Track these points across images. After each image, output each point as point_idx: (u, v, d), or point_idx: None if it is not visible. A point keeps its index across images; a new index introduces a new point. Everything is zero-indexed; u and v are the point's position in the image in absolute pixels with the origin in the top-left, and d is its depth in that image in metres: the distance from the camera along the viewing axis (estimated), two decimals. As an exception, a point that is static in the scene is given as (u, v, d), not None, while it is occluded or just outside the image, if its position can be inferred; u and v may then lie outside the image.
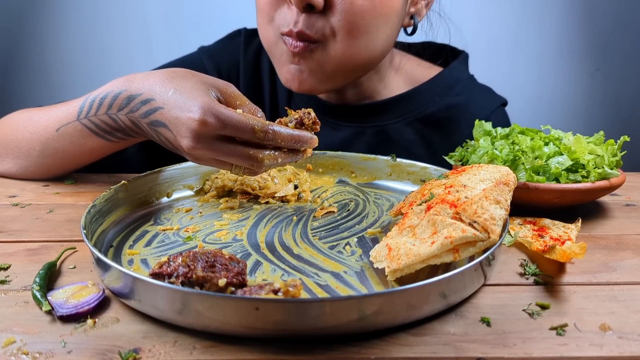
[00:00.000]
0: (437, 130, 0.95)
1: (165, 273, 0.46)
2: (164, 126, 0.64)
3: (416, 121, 0.95)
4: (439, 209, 0.54)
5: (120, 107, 0.69)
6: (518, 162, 0.68)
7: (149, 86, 0.67)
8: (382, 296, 0.42)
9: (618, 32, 1.95)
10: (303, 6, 0.77)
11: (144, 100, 0.67)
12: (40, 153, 0.79)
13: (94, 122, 0.73)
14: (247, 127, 0.59)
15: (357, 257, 0.58)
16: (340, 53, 0.81)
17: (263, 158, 0.61)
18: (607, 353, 0.42)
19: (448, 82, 0.97)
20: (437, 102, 0.95)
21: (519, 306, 0.48)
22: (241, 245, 0.61)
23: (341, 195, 0.77)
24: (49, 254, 0.58)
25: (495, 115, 0.97)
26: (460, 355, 0.41)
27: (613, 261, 0.58)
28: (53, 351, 0.41)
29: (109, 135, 0.74)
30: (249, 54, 1.03)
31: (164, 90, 0.65)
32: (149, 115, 0.66)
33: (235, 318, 0.42)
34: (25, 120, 0.81)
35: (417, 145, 0.95)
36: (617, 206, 0.75)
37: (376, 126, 0.96)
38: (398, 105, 0.95)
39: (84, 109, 0.73)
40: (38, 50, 2.00)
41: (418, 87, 0.96)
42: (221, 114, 0.59)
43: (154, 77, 0.67)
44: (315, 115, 0.65)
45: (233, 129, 0.59)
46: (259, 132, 0.60)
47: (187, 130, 0.60)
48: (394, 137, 0.95)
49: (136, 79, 0.69)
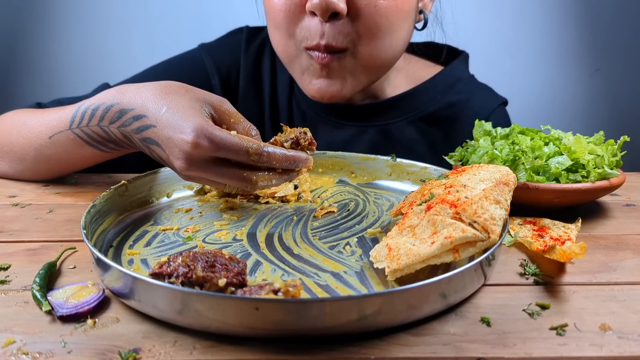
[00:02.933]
0: (439, 129, 0.95)
1: (165, 273, 0.46)
2: (156, 144, 0.63)
3: (418, 120, 0.95)
4: (439, 209, 0.54)
5: (111, 120, 0.68)
6: (518, 162, 0.68)
7: (141, 101, 0.65)
8: (382, 296, 0.42)
9: (618, 32, 1.95)
10: (328, 15, 0.77)
11: (136, 116, 0.65)
12: (34, 159, 0.78)
13: (86, 133, 0.72)
14: (240, 150, 0.58)
15: (357, 257, 0.58)
16: (367, 56, 0.82)
17: (257, 180, 0.60)
18: (607, 353, 0.42)
19: (449, 81, 0.97)
20: (438, 100, 0.96)
21: (519, 306, 0.48)
22: (241, 245, 0.61)
23: (341, 195, 0.77)
24: (49, 254, 0.58)
25: (496, 114, 0.97)
26: (460, 355, 0.41)
27: (613, 261, 0.58)
28: (53, 351, 0.41)
29: (101, 146, 0.73)
30: (250, 52, 1.03)
31: (157, 108, 0.63)
32: (141, 132, 0.65)
33: (235, 318, 0.42)
34: (19, 124, 0.80)
35: (420, 144, 0.95)
36: (617, 206, 0.75)
37: (378, 125, 0.96)
38: (400, 104, 0.96)
39: (76, 118, 0.72)
40: (38, 50, 2.00)
41: (419, 85, 0.96)
42: (215, 137, 0.58)
43: (147, 91, 0.65)
44: (311, 135, 0.64)
45: (226, 151, 0.58)
46: (253, 154, 0.58)
47: (180, 152, 0.59)
48: (396, 136, 0.95)
49: (128, 92, 0.67)
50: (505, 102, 1.01)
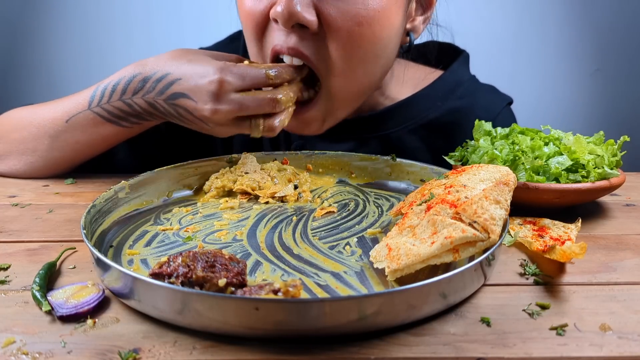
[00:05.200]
0: (441, 136, 0.92)
1: (165, 273, 0.46)
2: (183, 96, 0.69)
3: (419, 128, 0.92)
4: (439, 209, 0.54)
5: (135, 90, 0.72)
6: (518, 162, 0.68)
7: (163, 64, 0.72)
8: (382, 296, 0.42)
9: (618, 32, 1.95)
10: (292, 25, 0.71)
11: (160, 78, 0.71)
12: (49, 146, 0.80)
13: (107, 110, 0.75)
14: (261, 74, 0.69)
15: (357, 257, 0.58)
16: (341, 89, 0.78)
17: (280, 95, 0.69)
18: (607, 353, 0.42)
19: (449, 86, 0.94)
20: (439, 106, 0.92)
21: (519, 306, 0.48)
22: (241, 245, 0.61)
23: (341, 195, 0.77)
24: (49, 254, 0.58)
25: (502, 116, 0.94)
26: (460, 355, 0.41)
27: (613, 261, 0.58)
28: (53, 351, 0.41)
29: (122, 121, 0.76)
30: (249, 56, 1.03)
31: (178, 64, 0.70)
32: (166, 90, 0.70)
33: (235, 318, 0.42)
34: (28, 116, 0.81)
35: (423, 152, 0.92)
36: (617, 206, 0.75)
37: (378, 136, 0.92)
38: (398, 112, 0.92)
39: (95, 97, 0.75)
40: (38, 50, 2.00)
41: (418, 93, 0.93)
42: (237, 69, 0.68)
43: (165, 56, 0.73)
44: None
45: (250, 79, 0.68)
46: (269, 75, 0.69)
47: (208, 94, 0.66)
48: (397, 145, 0.92)
49: (148, 62, 0.73)
50: (510, 101, 0.98)
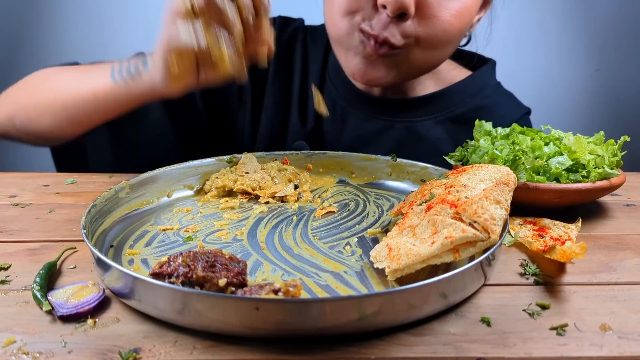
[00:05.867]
0: (465, 130, 0.96)
1: (165, 273, 0.46)
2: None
3: (446, 120, 0.97)
4: (439, 209, 0.54)
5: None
6: (518, 162, 0.68)
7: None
8: (382, 296, 0.42)
9: (618, 32, 1.95)
10: (398, 14, 0.79)
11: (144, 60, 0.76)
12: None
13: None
14: None
15: (357, 257, 0.58)
16: (419, 60, 0.85)
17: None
18: (607, 353, 0.42)
19: (478, 85, 1.00)
20: (467, 102, 0.98)
21: (519, 306, 0.48)
22: (241, 245, 0.61)
23: (341, 195, 0.77)
24: (49, 253, 0.58)
25: (520, 122, 0.98)
26: (460, 355, 0.41)
27: (613, 261, 0.58)
28: (53, 351, 0.41)
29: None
30: (282, 40, 1.04)
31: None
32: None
33: (236, 318, 0.42)
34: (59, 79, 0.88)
35: (446, 144, 0.96)
36: (617, 206, 0.75)
37: (405, 122, 0.97)
38: (429, 103, 0.97)
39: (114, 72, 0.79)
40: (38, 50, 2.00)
41: (450, 87, 0.98)
42: None
43: None
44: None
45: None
46: None
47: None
48: (422, 134, 0.96)
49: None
50: (529, 111, 1.03)
